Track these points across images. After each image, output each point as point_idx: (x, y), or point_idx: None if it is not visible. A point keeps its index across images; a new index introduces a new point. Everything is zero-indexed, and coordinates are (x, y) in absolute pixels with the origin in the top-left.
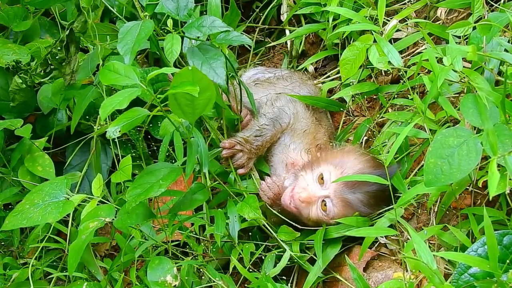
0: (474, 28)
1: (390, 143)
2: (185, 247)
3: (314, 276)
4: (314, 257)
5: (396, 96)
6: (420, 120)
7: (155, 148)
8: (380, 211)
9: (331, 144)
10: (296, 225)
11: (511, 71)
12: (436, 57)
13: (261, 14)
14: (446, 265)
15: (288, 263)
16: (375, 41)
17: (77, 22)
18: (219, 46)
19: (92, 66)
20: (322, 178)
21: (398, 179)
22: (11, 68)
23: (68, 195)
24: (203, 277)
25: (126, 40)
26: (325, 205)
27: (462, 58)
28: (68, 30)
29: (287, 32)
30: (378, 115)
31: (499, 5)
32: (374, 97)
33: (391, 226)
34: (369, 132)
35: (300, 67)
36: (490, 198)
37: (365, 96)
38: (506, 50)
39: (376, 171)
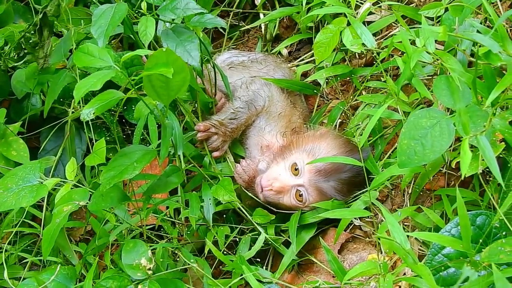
0: (447, 9)
1: (364, 125)
2: (160, 231)
3: (289, 259)
4: (290, 240)
5: (369, 78)
6: (393, 102)
7: (130, 132)
8: (355, 194)
9: (305, 126)
10: (271, 208)
11: (482, 52)
12: (410, 39)
13: None
14: (420, 246)
15: (263, 246)
16: (349, 24)
17: (50, 6)
18: (194, 29)
19: (65, 50)
20: (296, 169)
21: (372, 162)
22: None
23: (42, 179)
24: (178, 260)
25: (100, 23)
26: (300, 195)
27: (436, 41)
28: (41, 14)
29: (261, 16)
30: (352, 98)
31: None
32: (348, 79)
33: (366, 208)
34: (343, 115)
35: (274, 51)
36: (463, 178)
37: (339, 79)
38: (478, 32)
39: (349, 156)
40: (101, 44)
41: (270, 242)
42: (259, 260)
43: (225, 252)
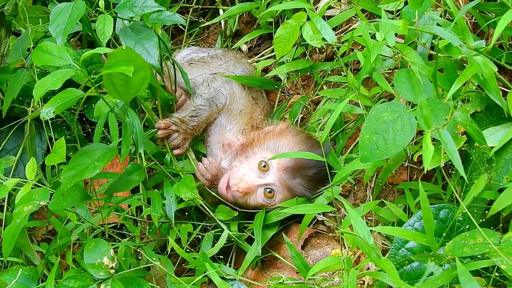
0: (406, 3)
1: (325, 120)
2: (122, 229)
3: (252, 256)
4: (253, 236)
5: (330, 73)
6: (354, 96)
7: (90, 130)
8: (320, 190)
9: (265, 122)
10: (234, 207)
11: (442, 45)
12: (370, 33)
13: None
14: (384, 240)
15: (226, 242)
16: (309, 19)
17: (8, 5)
18: (152, 26)
19: (23, 49)
20: (264, 166)
21: (333, 157)
22: None
23: (2, 179)
24: (141, 259)
25: (58, 22)
26: (269, 192)
27: (396, 34)
28: None
29: (221, 11)
30: (313, 93)
31: None
32: (309, 74)
33: (329, 204)
34: (305, 110)
35: (234, 47)
36: (425, 171)
37: (300, 74)
38: (438, 25)
39: (312, 152)
40: (60, 42)
41: (233, 239)
42: (222, 257)
43: (188, 250)
